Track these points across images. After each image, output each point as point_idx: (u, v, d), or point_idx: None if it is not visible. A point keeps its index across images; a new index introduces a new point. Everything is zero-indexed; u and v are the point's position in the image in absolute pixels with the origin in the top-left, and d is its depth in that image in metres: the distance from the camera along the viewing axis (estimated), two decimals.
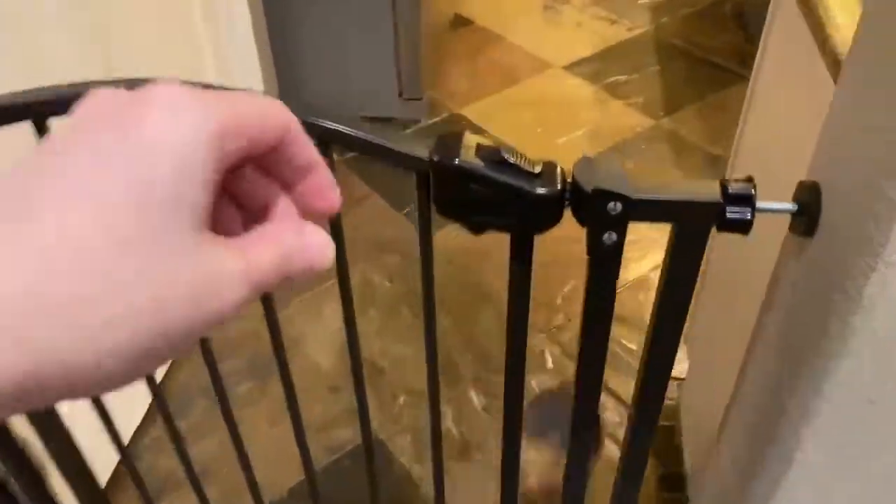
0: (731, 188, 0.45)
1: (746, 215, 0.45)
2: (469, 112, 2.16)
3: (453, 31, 2.53)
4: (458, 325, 1.53)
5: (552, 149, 2.05)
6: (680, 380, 1.34)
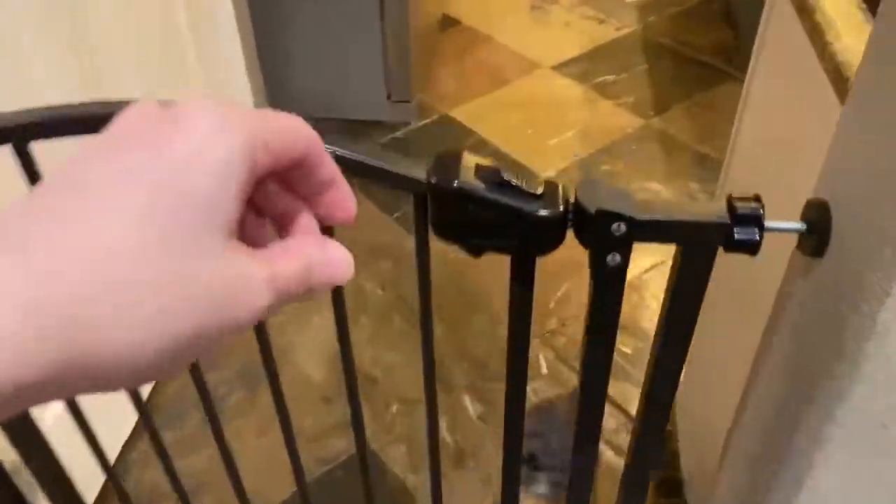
0: (739, 208, 0.44)
1: (755, 236, 0.44)
2: (458, 114, 2.14)
3: (441, 32, 2.51)
4: (451, 332, 1.51)
5: (543, 150, 2.03)
6: None
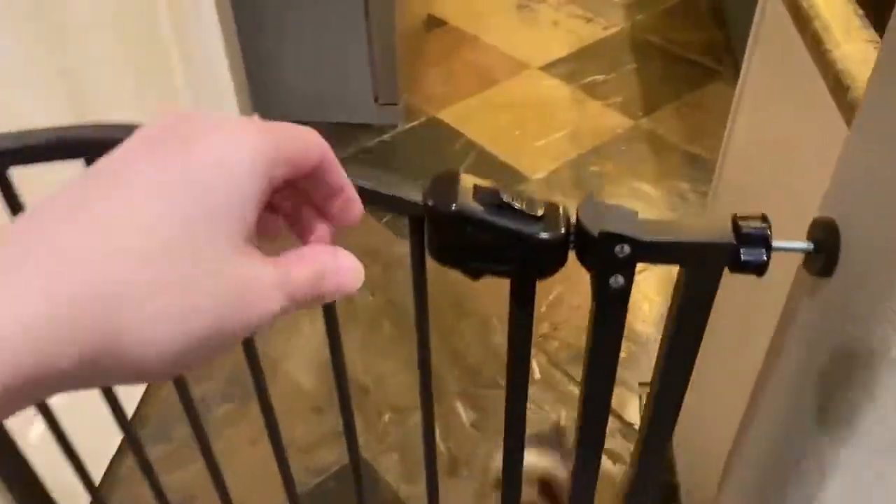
0: (745, 228, 0.43)
1: (762, 257, 0.42)
2: (446, 116, 2.13)
3: (427, 33, 2.49)
4: (442, 339, 1.50)
5: (532, 152, 2.02)
6: None
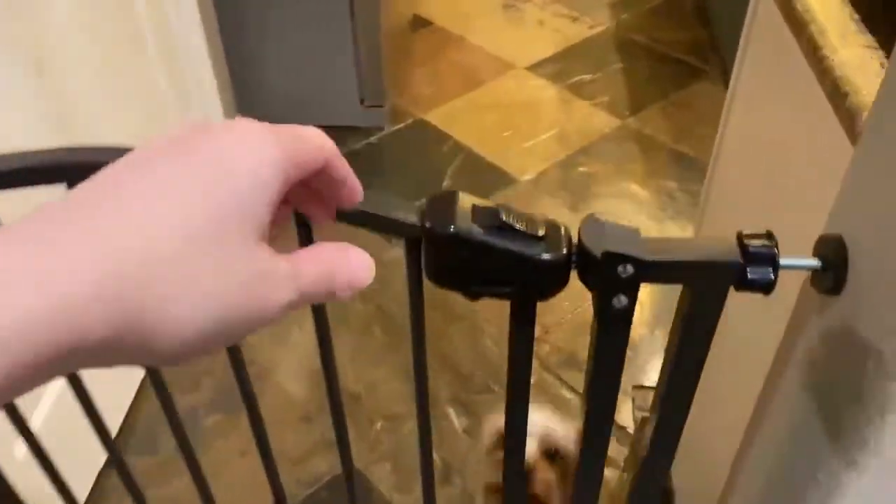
0: (751, 246, 0.42)
1: (769, 275, 0.41)
2: (433, 117, 2.11)
3: (413, 33, 2.47)
4: (432, 344, 1.48)
5: (519, 153, 2.01)
6: None
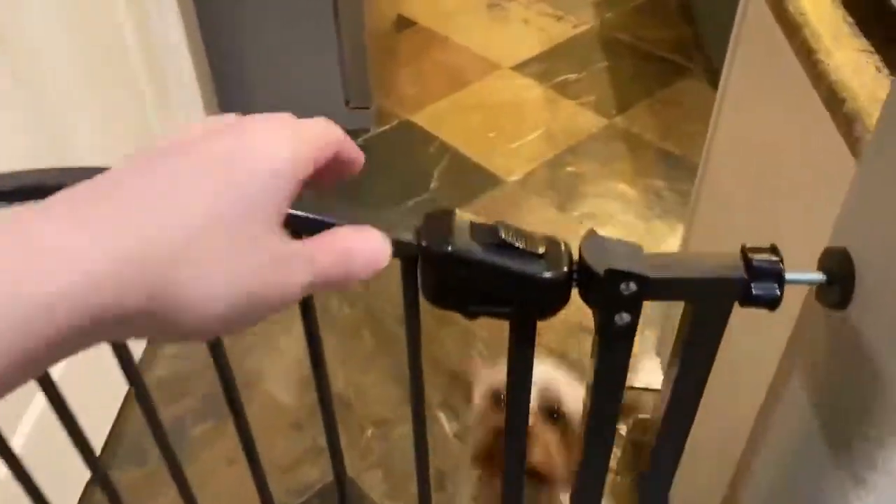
0: (756, 261, 0.41)
1: (775, 291, 0.41)
2: (419, 119, 2.10)
3: (397, 33, 2.45)
4: (424, 348, 1.47)
5: (506, 153, 2.00)
6: (655, 391, 1.31)
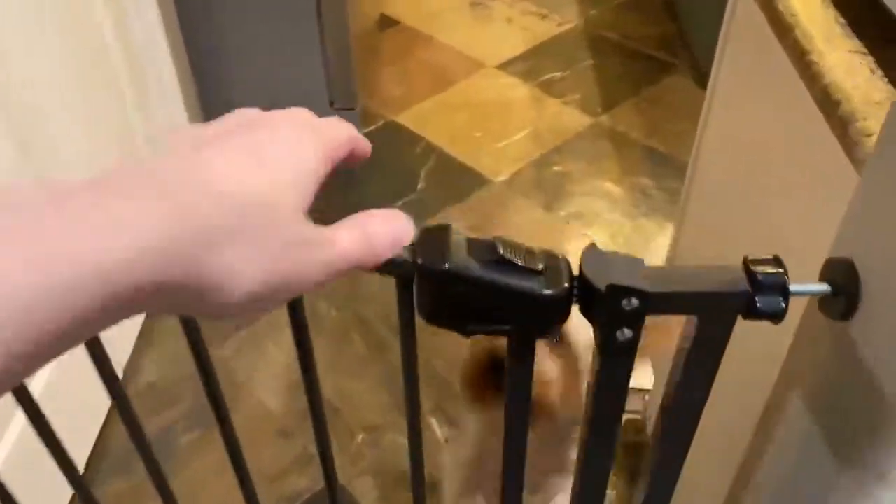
0: (760, 275, 0.40)
1: (779, 304, 0.40)
2: (404, 119, 2.08)
3: (380, 33, 2.44)
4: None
5: (493, 153, 1.99)
6: (646, 391, 1.31)
